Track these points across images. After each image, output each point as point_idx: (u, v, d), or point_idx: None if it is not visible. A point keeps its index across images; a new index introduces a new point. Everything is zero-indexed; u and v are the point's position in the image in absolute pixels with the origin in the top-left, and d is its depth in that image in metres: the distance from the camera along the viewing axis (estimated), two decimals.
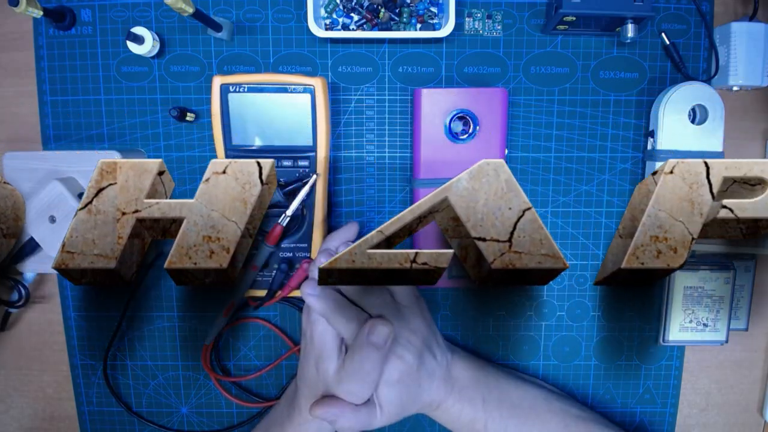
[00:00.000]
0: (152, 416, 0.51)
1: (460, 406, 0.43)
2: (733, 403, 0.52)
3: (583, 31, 0.45)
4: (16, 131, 0.48)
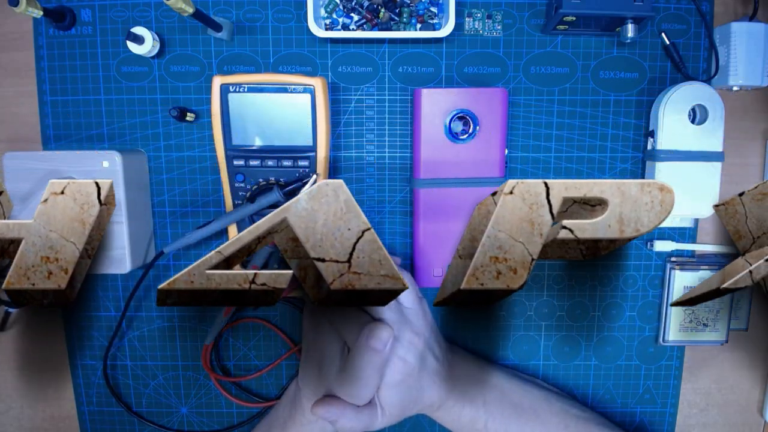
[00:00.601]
0: (152, 416, 0.51)
1: (461, 406, 0.43)
2: (733, 403, 0.52)
3: (583, 31, 0.45)
4: (16, 131, 0.48)
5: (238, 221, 0.44)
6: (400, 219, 0.48)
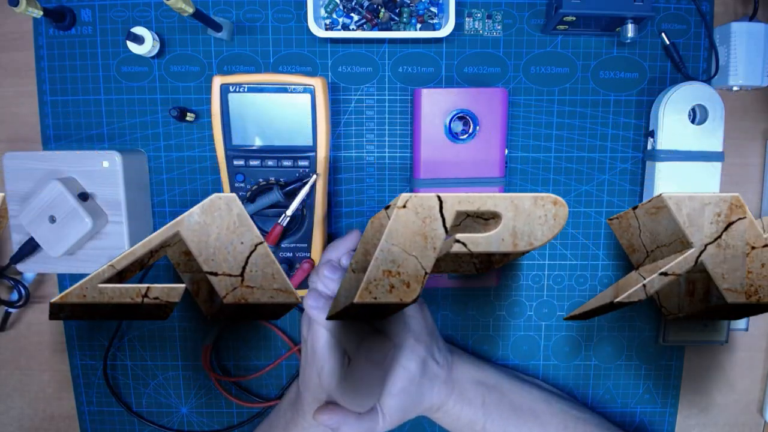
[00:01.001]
0: (152, 416, 0.51)
1: (460, 407, 0.43)
2: (733, 403, 0.52)
3: (583, 31, 0.45)
4: (16, 131, 0.48)
5: None
6: None
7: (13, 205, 0.44)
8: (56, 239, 0.42)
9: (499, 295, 0.50)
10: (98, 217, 0.43)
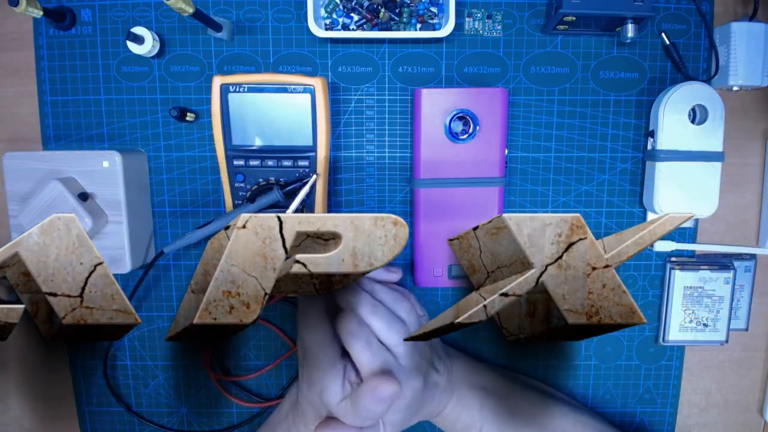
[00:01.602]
0: (152, 416, 0.51)
1: (458, 412, 0.43)
2: (733, 403, 0.52)
3: (583, 31, 0.45)
4: (16, 131, 0.48)
5: None
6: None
7: (13, 205, 0.44)
8: None
9: None
10: (98, 217, 0.43)
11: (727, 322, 0.48)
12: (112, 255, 0.44)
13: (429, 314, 0.49)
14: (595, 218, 0.48)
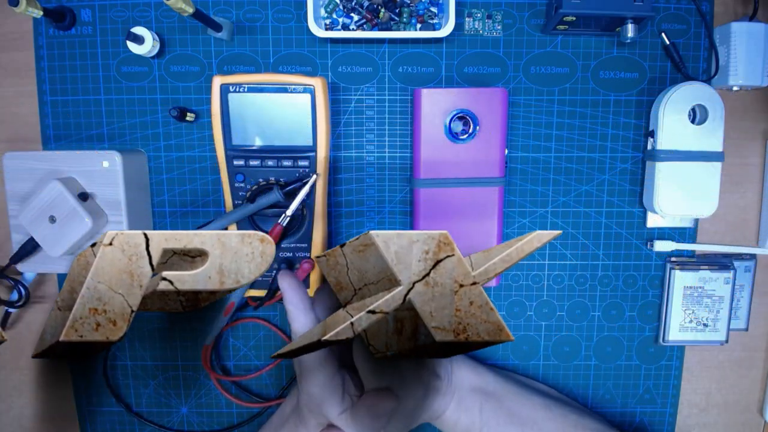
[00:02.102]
0: (152, 416, 0.51)
1: (458, 414, 0.43)
2: (733, 403, 0.52)
3: (583, 31, 0.45)
4: (16, 131, 0.48)
5: (238, 221, 0.44)
6: (400, 219, 0.48)
7: (13, 205, 0.44)
8: (56, 239, 0.42)
9: (499, 295, 0.50)
10: (98, 217, 0.43)
11: (727, 322, 0.48)
12: None
13: None
14: (595, 218, 0.48)
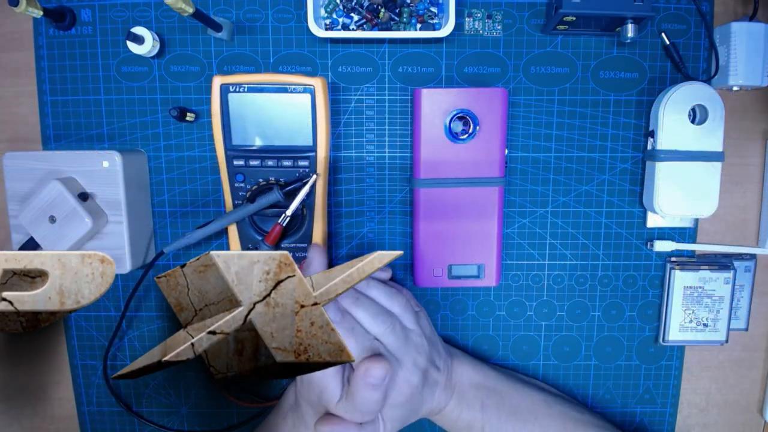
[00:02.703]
0: (152, 416, 0.51)
1: (459, 410, 0.43)
2: (733, 403, 0.52)
3: (583, 31, 0.45)
4: (16, 131, 0.48)
5: (238, 221, 0.44)
6: (400, 219, 0.48)
7: (13, 205, 0.44)
8: (56, 239, 0.42)
9: (499, 295, 0.50)
10: (98, 217, 0.43)
11: (727, 322, 0.48)
12: (112, 255, 0.44)
13: (429, 314, 0.49)
14: (595, 218, 0.48)
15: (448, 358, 0.44)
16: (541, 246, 0.49)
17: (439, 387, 0.42)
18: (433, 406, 0.42)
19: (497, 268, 0.46)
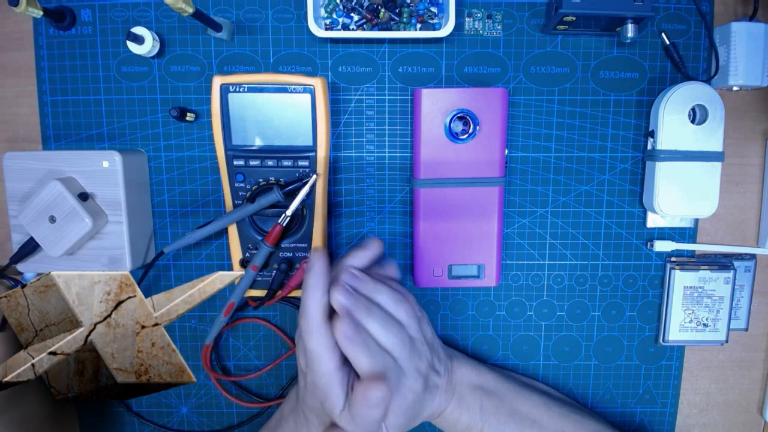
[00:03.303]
0: (152, 416, 0.51)
1: (458, 413, 0.43)
2: (733, 403, 0.52)
3: (583, 31, 0.45)
4: (16, 131, 0.48)
5: (237, 221, 0.44)
6: (400, 219, 0.48)
7: (13, 205, 0.44)
8: (56, 239, 0.42)
9: (499, 295, 0.50)
10: (98, 217, 0.43)
11: (727, 322, 0.48)
12: (112, 255, 0.44)
13: (429, 315, 0.49)
14: (595, 218, 0.48)
15: (448, 361, 0.44)
16: (541, 246, 0.49)
17: (439, 391, 0.41)
18: (433, 410, 0.42)
19: (497, 268, 0.46)
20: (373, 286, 0.38)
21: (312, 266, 0.38)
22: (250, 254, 0.45)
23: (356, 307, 0.36)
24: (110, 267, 0.44)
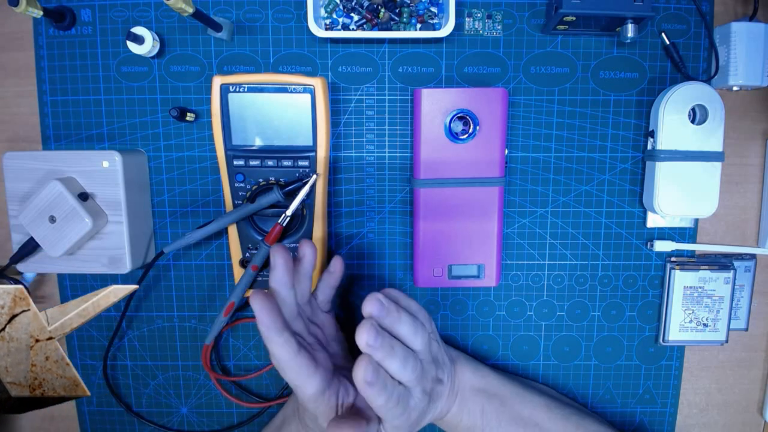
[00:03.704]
0: (152, 416, 0.51)
1: (460, 416, 0.43)
2: (733, 403, 0.52)
3: (583, 31, 0.45)
4: (16, 131, 0.48)
5: (237, 221, 0.44)
6: (400, 219, 0.48)
7: (13, 205, 0.44)
8: (56, 239, 0.42)
9: (499, 295, 0.50)
10: (98, 217, 0.43)
11: (727, 322, 0.48)
12: (112, 255, 0.44)
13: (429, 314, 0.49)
14: (595, 218, 0.48)
15: (451, 366, 0.44)
16: (541, 246, 0.49)
17: (442, 398, 0.41)
18: (435, 415, 0.42)
19: (497, 268, 0.46)
20: (397, 316, 0.36)
21: (302, 257, 0.38)
22: (250, 254, 0.45)
23: (381, 349, 0.34)
24: (110, 267, 0.44)
